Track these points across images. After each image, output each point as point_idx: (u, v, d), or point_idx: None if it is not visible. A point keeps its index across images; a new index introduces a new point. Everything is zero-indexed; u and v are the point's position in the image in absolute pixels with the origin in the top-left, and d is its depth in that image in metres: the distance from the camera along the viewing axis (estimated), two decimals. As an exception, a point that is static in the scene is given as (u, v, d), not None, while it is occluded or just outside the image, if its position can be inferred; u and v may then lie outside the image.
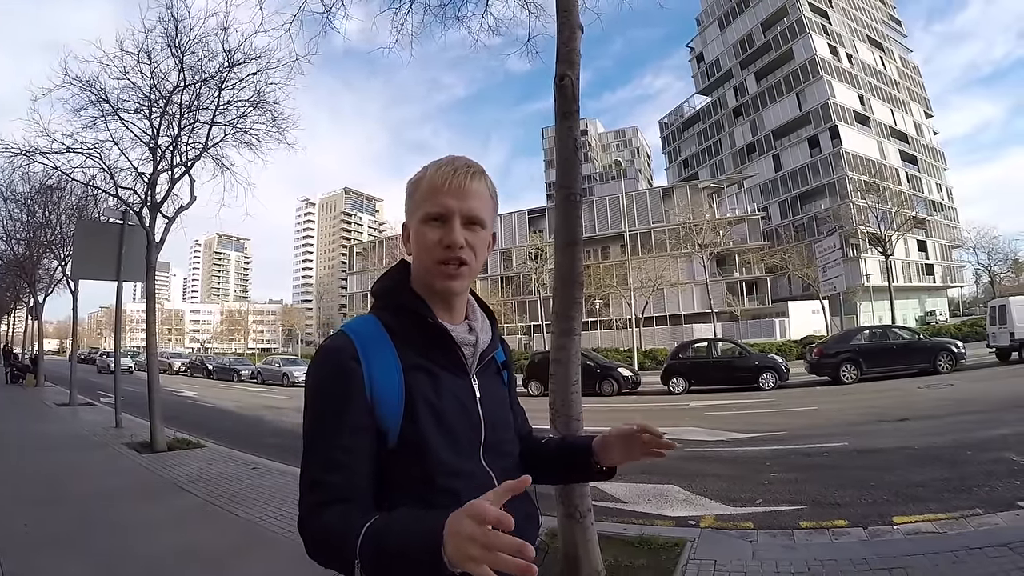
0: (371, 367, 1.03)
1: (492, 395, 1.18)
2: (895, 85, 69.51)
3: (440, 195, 1.07)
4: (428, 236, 1.08)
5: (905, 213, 40.50)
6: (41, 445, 9.06)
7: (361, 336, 1.07)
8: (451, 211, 1.06)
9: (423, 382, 1.05)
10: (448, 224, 1.06)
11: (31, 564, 3.98)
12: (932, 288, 63.76)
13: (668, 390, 18.15)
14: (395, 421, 1.02)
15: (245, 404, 18.85)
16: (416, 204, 1.11)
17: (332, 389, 1.03)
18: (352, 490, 0.98)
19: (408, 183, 1.15)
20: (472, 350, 1.14)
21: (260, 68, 8.82)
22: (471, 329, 1.16)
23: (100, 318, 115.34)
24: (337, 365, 1.03)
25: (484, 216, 1.10)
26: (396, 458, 1.02)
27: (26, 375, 22.25)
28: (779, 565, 3.71)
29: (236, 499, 5.78)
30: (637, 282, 39.65)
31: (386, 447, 1.02)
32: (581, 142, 4.13)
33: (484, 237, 1.11)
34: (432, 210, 1.07)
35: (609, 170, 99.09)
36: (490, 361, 1.21)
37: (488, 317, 1.25)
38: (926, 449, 7.04)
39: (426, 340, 1.09)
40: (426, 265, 1.10)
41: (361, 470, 1.00)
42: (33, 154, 8.96)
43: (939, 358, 16.17)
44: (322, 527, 0.96)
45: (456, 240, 1.05)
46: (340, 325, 1.21)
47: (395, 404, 1.02)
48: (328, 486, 0.98)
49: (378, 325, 1.10)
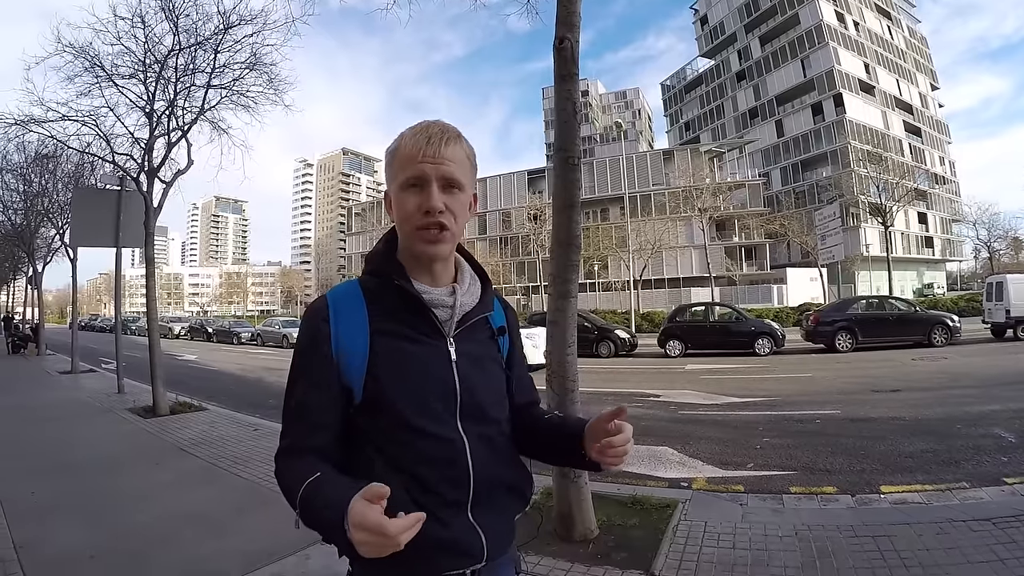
0: (339, 328, 1.10)
1: (474, 359, 1.17)
2: (901, 55, 68.54)
3: (416, 161, 1.08)
4: (407, 203, 1.10)
5: (907, 185, 40.23)
6: (45, 413, 9.14)
7: (336, 299, 1.14)
8: (427, 176, 1.08)
9: (390, 343, 1.09)
10: (426, 190, 1.08)
11: (40, 530, 4.06)
12: (931, 261, 63.76)
13: (665, 353, 18.30)
14: (359, 379, 1.08)
15: (246, 366, 19.01)
16: (394, 172, 1.12)
17: (303, 347, 1.13)
18: (309, 439, 1.08)
19: (386, 152, 1.16)
20: (448, 312, 1.15)
21: (256, 30, 8.70)
22: (452, 292, 1.17)
23: (99, 284, 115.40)
24: (309, 325, 1.13)
25: (462, 179, 1.11)
26: (361, 414, 1.09)
27: (27, 344, 22.34)
28: (767, 528, 3.80)
29: (238, 461, 5.89)
30: (636, 244, 39.59)
31: (353, 403, 1.09)
32: (580, 105, 4.11)
33: (464, 200, 1.13)
34: (408, 176, 1.09)
35: (609, 131, 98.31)
36: (478, 324, 1.20)
37: (481, 279, 1.26)
38: (917, 421, 7.14)
39: (398, 303, 1.12)
40: (407, 231, 1.12)
41: (320, 421, 1.09)
42: (28, 124, 8.85)
43: (934, 331, 16.32)
44: (280, 472, 1.07)
45: (435, 205, 1.07)
46: (331, 289, 1.24)
47: (359, 363, 1.08)
48: (290, 435, 1.11)
49: (356, 288, 1.16)
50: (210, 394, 11.06)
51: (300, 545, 3.63)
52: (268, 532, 3.92)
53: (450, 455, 1.09)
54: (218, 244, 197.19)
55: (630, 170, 53.90)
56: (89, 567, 3.48)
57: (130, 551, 3.72)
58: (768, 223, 48.05)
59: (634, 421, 1.10)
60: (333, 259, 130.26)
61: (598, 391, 10.65)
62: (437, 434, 1.08)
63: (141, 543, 3.84)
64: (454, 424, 1.11)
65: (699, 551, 3.52)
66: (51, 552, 3.70)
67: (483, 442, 1.13)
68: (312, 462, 1.04)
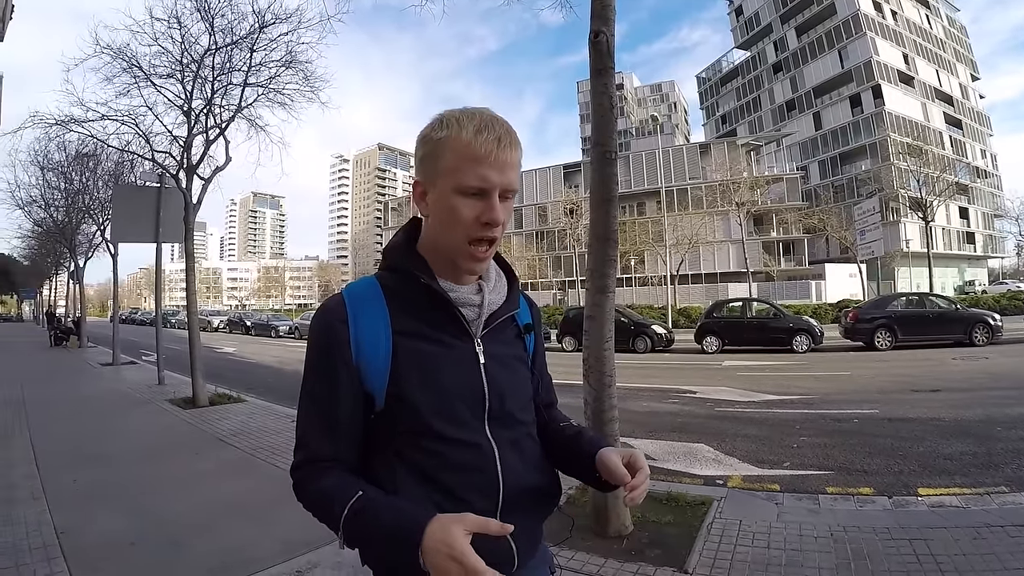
0: (358, 329, 1.03)
1: (503, 360, 1.11)
2: (941, 45, 66.55)
3: (482, 166, 0.98)
4: (463, 211, 1.00)
5: (948, 178, 39.18)
6: (87, 404, 9.39)
7: (354, 298, 1.06)
8: (493, 186, 0.99)
9: (414, 345, 1.03)
10: (488, 200, 1.00)
11: (80, 517, 4.16)
12: (972, 257, 61.93)
13: (701, 349, 18.12)
14: (381, 384, 1.02)
15: (283, 359, 19.29)
16: (446, 170, 1.00)
17: (319, 349, 1.05)
18: (332, 451, 1.04)
19: (426, 139, 1.04)
20: (476, 312, 1.09)
21: (291, 28, 8.82)
22: (479, 290, 1.10)
23: (140, 279, 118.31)
24: (326, 326, 1.05)
25: (516, 187, 1.04)
26: (383, 420, 1.04)
27: (69, 337, 22.91)
28: (803, 528, 3.75)
29: (276, 451, 6.00)
30: (673, 239, 39.24)
31: (374, 409, 1.04)
32: (617, 99, 4.09)
33: (511, 208, 1.06)
34: (471, 183, 0.99)
35: (645, 125, 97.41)
36: (505, 323, 1.13)
37: (507, 276, 1.19)
38: (956, 422, 6.96)
39: (422, 302, 1.06)
40: (455, 240, 1.03)
41: (342, 432, 1.04)
42: (68, 124, 9.10)
43: (975, 330, 15.82)
44: (303, 488, 1.05)
45: (497, 218, 1.00)
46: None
47: (381, 366, 1.02)
48: (310, 446, 1.05)
49: (376, 286, 1.08)
50: (248, 386, 11.27)
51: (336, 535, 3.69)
52: (304, 522, 3.95)
53: (478, 462, 1.04)
54: (256, 239, 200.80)
55: (666, 164, 53.38)
56: (129, 553, 3.57)
57: (169, 538, 3.81)
58: (806, 218, 47.14)
59: (671, 418, 1.10)
60: (370, 253, 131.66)
61: (634, 387, 10.60)
62: (465, 440, 1.04)
63: (180, 530, 3.92)
64: (482, 429, 1.06)
65: (733, 550, 3.49)
66: (92, 538, 3.79)
67: (512, 447, 1.09)
68: (341, 476, 1.01)
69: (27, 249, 33.47)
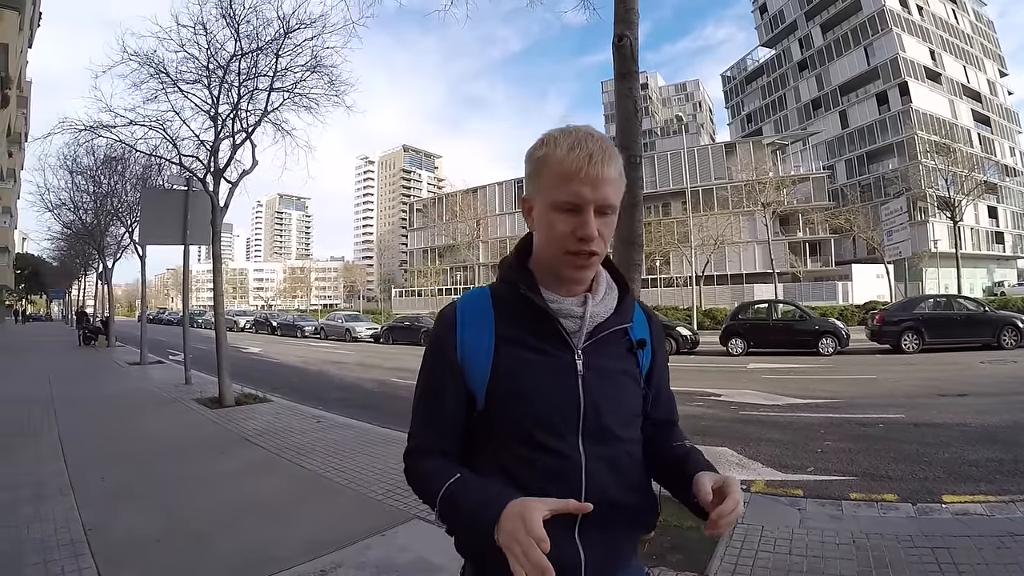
0: (465, 334, 1.11)
1: (605, 373, 1.11)
2: (968, 40, 65.13)
3: (574, 183, 1.00)
4: (558, 226, 1.03)
5: (976, 177, 38.42)
6: (115, 403, 9.55)
7: (464, 306, 1.15)
8: (586, 202, 1.01)
9: (514, 352, 1.08)
10: (582, 215, 1.01)
11: (108, 515, 4.24)
12: (1001, 257, 60.51)
13: (727, 351, 17.95)
14: (482, 385, 1.08)
15: (309, 359, 19.48)
16: (544, 186, 1.05)
17: (430, 352, 1.16)
18: (437, 442, 1.13)
19: (529, 157, 1.09)
20: (577, 323, 1.10)
21: (316, 33, 8.92)
22: (583, 302, 1.11)
23: (167, 279, 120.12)
24: (437, 331, 1.16)
25: (616, 202, 1.05)
26: (483, 420, 1.11)
27: (98, 337, 23.29)
28: (825, 535, 3.73)
29: (301, 452, 6.05)
30: (698, 240, 38.95)
31: (476, 408, 1.11)
32: (641, 102, 4.10)
33: (614, 221, 1.07)
34: (564, 199, 1.02)
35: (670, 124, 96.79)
36: (612, 336, 1.13)
37: (619, 287, 1.19)
38: (983, 428, 6.85)
39: (525, 312, 1.09)
40: (553, 252, 1.07)
41: (446, 425, 1.13)
42: (97, 129, 9.29)
43: (1004, 333, 15.50)
44: (411, 470, 1.14)
45: (591, 234, 1.02)
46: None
47: (483, 370, 1.08)
48: (419, 436, 1.16)
49: (486, 296, 1.15)
50: (274, 386, 11.41)
51: (360, 536, 3.76)
52: (329, 522, 4.06)
53: (564, 471, 1.06)
54: (282, 240, 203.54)
55: (692, 164, 52.92)
56: (154, 550, 3.63)
57: (194, 536, 3.87)
58: (833, 218, 46.49)
59: (694, 421, 1.12)
60: (395, 254, 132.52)
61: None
62: (553, 449, 1.06)
63: (205, 528, 3.99)
64: (574, 441, 1.07)
65: (755, 556, 3.48)
66: (119, 535, 3.86)
67: (604, 463, 1.09)
68: (442, 462, 1.09)
69: (56, 251, 34.33)
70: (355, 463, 5.59)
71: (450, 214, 67.87)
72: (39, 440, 6.74)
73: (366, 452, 6.00)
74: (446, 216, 69.93)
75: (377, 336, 29.58)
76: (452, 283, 72.60)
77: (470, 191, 68.66)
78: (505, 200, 68.09)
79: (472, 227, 61.29)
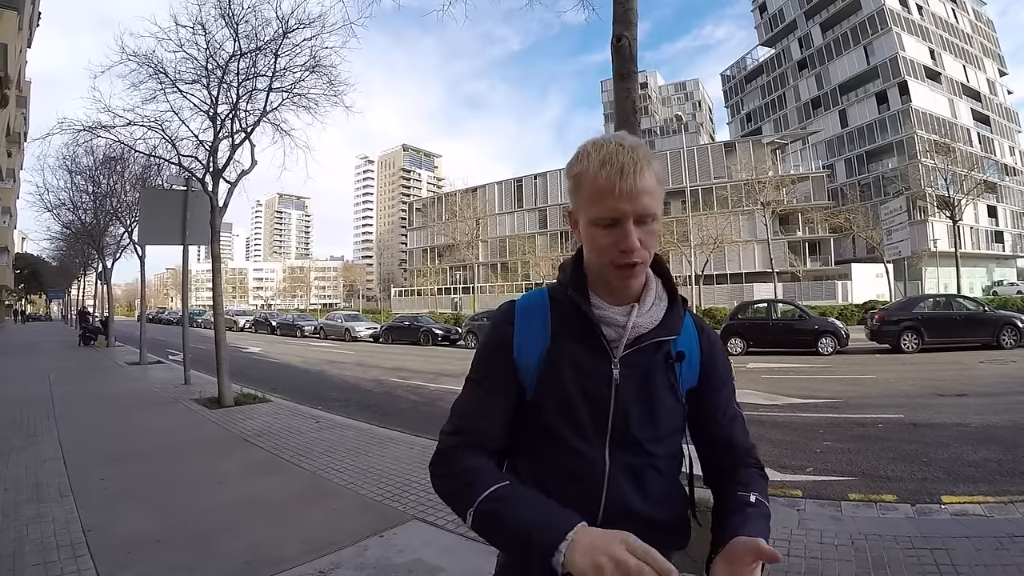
0: (521, 332, 1.14)
1: (641, 384, 1.11)
2: (968, 39, 65.13)
3: (609, 199, 1.00)
4: (600, 239, 1.04)
5: (976, 176, 38.39)
6: (115, 403, 9.53)
7: (523, 305, 1.18)
8: (624, 215, 1.00)
9: (560, 352, 1.11)
10: (621, 227, 1.01)
11: (108, 516, 4.23)
12: (1001, 257, 60.47)
13: (726, 350, 17.81)
14: (531, 381, 1.11)
15: (308, 359, 19.46)
16: (583, 202, 1.05)
17: (486, 345, 1.18)
18: (481, 439, 1.11)
19: (571, 170, 1.08)
20: (619, 332, 1.10)
21: (315, 33, 8.93)
22: (630, 311, 1.11)
23: (167, 279, 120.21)
24: (494, 327, 1.18)
25: (656, 210, 1.03)
26: (527, 411, 1.12)
27: (97, 336, 23.27)
28: (823, 536, 3.73)
29: (300, 452, 6.05)
30: (698, 239, 39.06)
31: (525, 399, 1.13)
32: (640, 103, 4.09)
33: (656, 228, 1.05)
34: (602, 215, 1.01)
35: (670, 124, 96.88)
36: (652, 348, 1.12)
37: (670, 297, 1.17)
38: (983, 428, 6.85)
39: (573, 316, 1.12)
40: (600, 263, 1.08)
41: (492, 416, 1.12)
42: (96, 129, 9.29)
43: (1003, 332, 15.52)
44: (450, 467, 1.09)
45: (632, 245, 1.01)
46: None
47: (533, 367, 1.11)
48: (463, 430, 1.12)
49: (544, 297, 1.18)
50: (273, 386, 11.40)
51: (359, 536, 3.76)
52: (328, 522, 4.06)
53: (587, 475, 1.09)
54: (282, 239, 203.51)
55: (691, 163, 53.09)
56: (155, 550, 3.63)
57: (194, 536, 3.87)
58: (832, 217, 46.55)
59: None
60: (394, 254, 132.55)
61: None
62: (581, 451, 1.09)
63: (205, 529, 3.99)
64: (602, 446, 1.10)
65: (753, 556, 3.47)
66: (118, 536, 3.85)
67: (629, 472, 1.10)
68: (489, 464, 1.08)
69: (56, 250, 34.32)
70: (354, 463, 5.59)
71: (449, 214, 67.94)
72: (38, 440, 6.72)
73: (365, 453, 5.99)
74: (445, 215, 70.04)
75: (377, 336, 29.55)
76: (451, 283, 72.64)
77: (469, 190, 68.68)
78: (504, 199, 68.19)
79: (471, 226, 61.28)
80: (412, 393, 11.15)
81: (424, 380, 12.87)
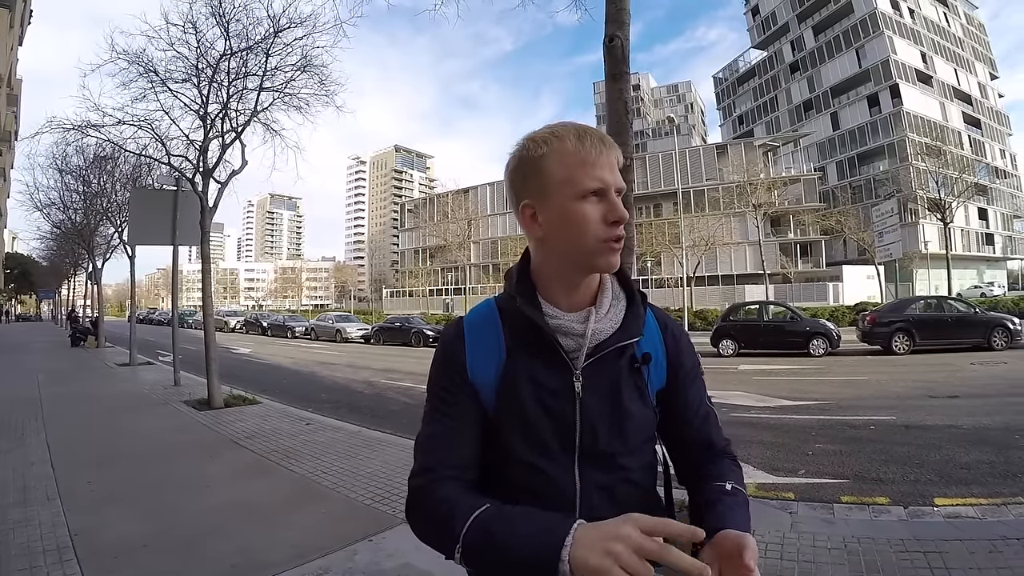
0: (472, 350, 1.06)
1: (606, 395, 1.04)
2: (959, 43, 65.81)
3: (597, 168, 0.98)
4: (589, 214, 0.98)
5: (967, 179, 38.68)
6: (104, 404, 9.47)
7: (471, 320, 1.11)
8: (609, 185, 0.99)
9: (514, 370, 1.03)
10: (607, 198, 0.99)
11: (95, 520, 4.19)
12: (991, 259, 61.04)
13: (718, 352, 17.93)
14: (491, 398, 1.04)
15: (299, 360, 19.40)
16: (558, 181, 0.99)
17: (437, 366, 1.09)
18: (451, 469, 1.00)
19: (523, 160, 1.03)
20: (577, 342, 1.03)
21: (306, 32, 8.88)
22: (586, 318, 1.04)
23: (157, 279, 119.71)
24: (443, 346, 1.09)
25: (624, 186, 1.04)
26: (492, 429, 1.05)
27: (87, 337, 23.14)
28: (816, 539, 3.71)
29: (290, 454, 6.01)
30: (689, 241, 39.13)
31: (488, 417, 1.05)
32: (632, 104, 4.08)
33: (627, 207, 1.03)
34: (592, 185, 0.98)
35: (662, 125, 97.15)
36: (617, 353, 1.05)
37: (627, 296, 1.12)
38: (975, 430, 6.86)
39: (524, 327, 1.04)
40: (589, 245, 0.99)
41: (460, 444, 1.02)
42: (85, 128, 9.23)
43: (994, 334, 15.56)
44: (423, 502, 0.99)
45: (623, 214, 0.99)
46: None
47: (491, 385, 1.03)
48: (428, 455, 1.03)
49: (492, 309, 1.11)
50: (263, 387, 11.34)
51: (348, 541, 3.73)
52: (317, 526, 4.02)
53: (558, 497, 1.01)
54: (273, 240, 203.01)
55: (683, 165, 53.25)
56: (142, 555, 3.59)
57: (183, 540, 3.84)
58: (824, 219, 46.92)
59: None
60: (386, 254, 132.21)
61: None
62: (548, 472, 1.02)
63: (193, 533, 3.95)
64: (571, 466, 1.03)
65: (745, 560, 3.45)
66: (105, 540, 3.82)
67: (602, 491, 1.04)
68: (464, 492, 0.97)
69: (46, 250, 34.07)
70: (344, 466, 5.54)
71: (441, 214, 67.97)
72: (26, 443, 6.66)
73: (355, 455, 5.95)
74: (437, 216, 70.04)
75: (368, 337, 29.49)
76: (443, 284, 72.59)
77: (461, 191, 68.74)
78: (496, 201, 68.15)
79: (463, 227, 61.30)
80: (403, 395, 11.09)
81: (415, 382, 12.79)
